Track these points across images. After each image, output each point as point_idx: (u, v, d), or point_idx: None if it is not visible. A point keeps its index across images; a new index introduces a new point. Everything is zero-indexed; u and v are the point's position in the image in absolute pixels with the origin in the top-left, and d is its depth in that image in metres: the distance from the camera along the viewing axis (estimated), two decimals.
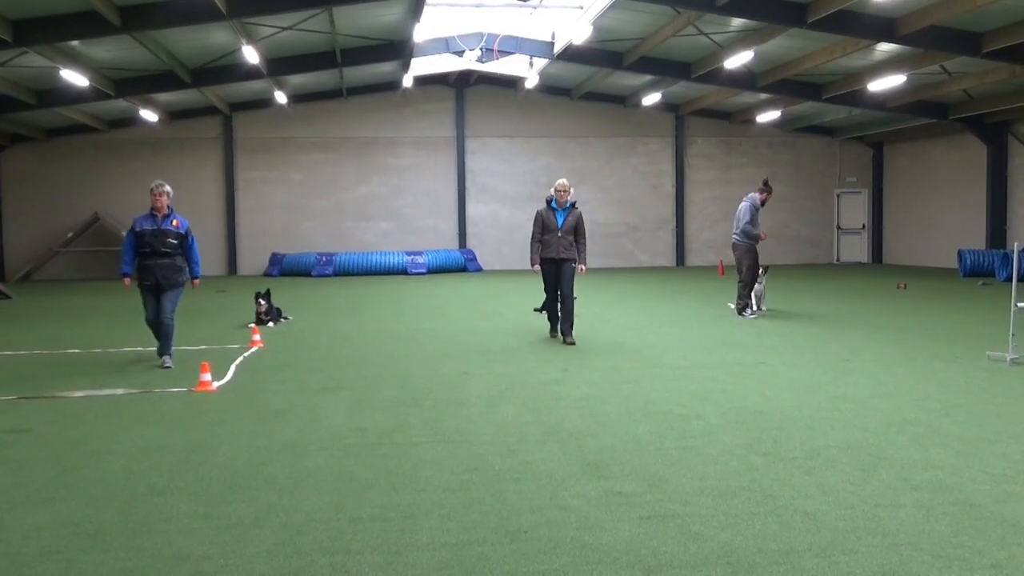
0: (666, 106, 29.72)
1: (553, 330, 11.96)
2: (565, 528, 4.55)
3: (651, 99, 27.39)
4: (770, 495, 5.03)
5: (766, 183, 14.74)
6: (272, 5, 17.33)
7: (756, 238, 14.37)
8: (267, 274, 28.00)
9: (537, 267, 11.71)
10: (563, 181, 11.67)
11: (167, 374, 9.56)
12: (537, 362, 9.96)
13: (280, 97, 26.13)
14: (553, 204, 11.56)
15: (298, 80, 25.62)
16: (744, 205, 14.49)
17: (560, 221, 11.49)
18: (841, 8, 16.59)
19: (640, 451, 6.02)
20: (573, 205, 11.64)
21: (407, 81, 27.25)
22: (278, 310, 14.51)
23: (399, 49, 22.70)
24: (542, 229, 11.56)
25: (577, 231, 11.62)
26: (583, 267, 11.62)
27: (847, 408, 7.31)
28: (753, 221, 14.31)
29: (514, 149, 30.36)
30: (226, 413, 7.45)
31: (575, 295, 11.68)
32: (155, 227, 9.93)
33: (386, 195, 29.89)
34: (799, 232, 31.43)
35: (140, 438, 6.59)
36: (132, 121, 27.53)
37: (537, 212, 11.71)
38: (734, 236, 14.55)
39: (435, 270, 27.84)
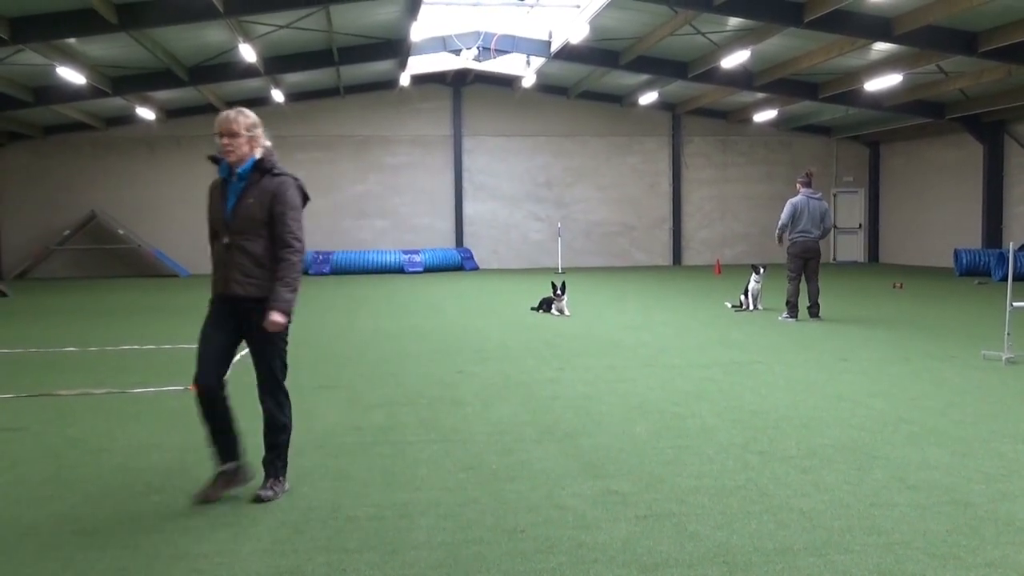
0: (663, 105, 29.73)
1: (221, 460, 5.17)
2: (561, 527, 4.55)
3: (648, 98, 27.41)
4: (766, 494, 5.05)
5: (809, 175, 13.98)
6: (269, 3, 17.31)
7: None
8: None
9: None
10: (227, 115, 5.11)
11: (163, 372, 9.51)
12: (533, 361, 9.96)
13: (277, 95, 26.12)
14: (222, 170, 5.17)
15: (295, 78, 25.60)
16: (825, 205, 13.76)
17: (229, 206, 5.11)
18: (838, 8, 16.62)
19: (636, 450, 6.03)
20: (259, 167, 5.11)
21: (404, 80, 27.24)
22: None
23: (396, 48, 22.69)
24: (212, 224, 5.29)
25: (276, 225, 5.07)
26: (277, 317, 4.96)
27: (843, 407, 7.33)
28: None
29: (511, 148, 30.37)
30: None
31: (280, 391, 5.26)
32: None
33: (383, 193, 29.89)
34: None
35: (137, 436, 6.59)
36: (129, 119, 27.49)
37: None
38: (812, 235, 13.51)
39: (432, 269, 27.84)
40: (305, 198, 5.26)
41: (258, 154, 5.12)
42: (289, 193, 5.10)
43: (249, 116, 5.14)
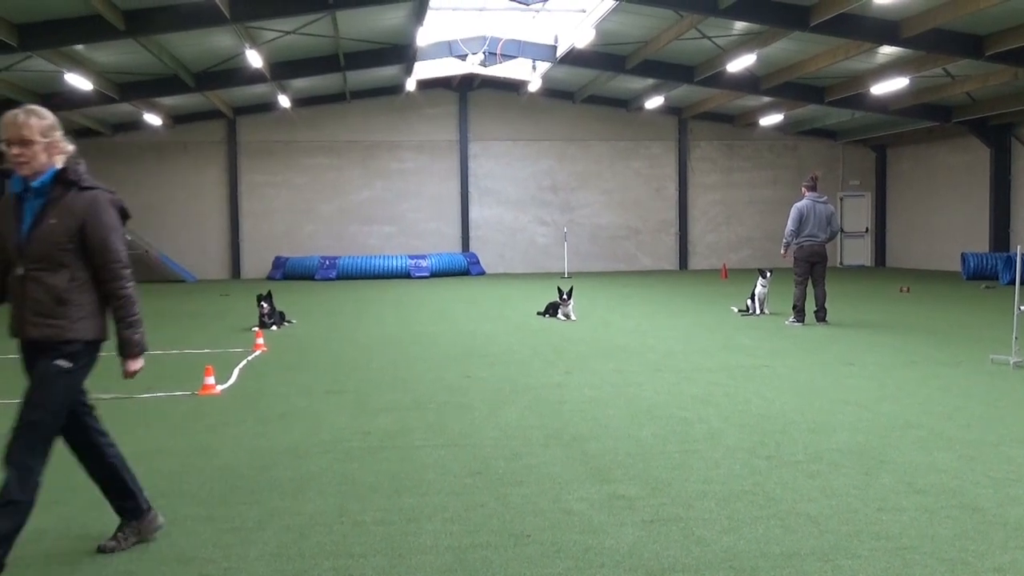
0: (669, 109, 29.75)
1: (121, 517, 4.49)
2: (568, 532, 4.55)
3: (654, 102, 27.42)
4: (773, 499, 5.03)
5: (814, 178, 14.01)
6: (275, 9, 17.39)
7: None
8: (270, 277, 28.03)
9: None
10: (14, 117, 4.07)
11: (170, 378, 9.53)
12: (540, 365, 9.96)
13: (284, 101, 26.19)
14: (15, 184, 4.16)
15: (301, 84, 25.68)
16: (831, 208, 13.77)
17: (25, 227, 4.13)
18: (844, 11, 16.61)
19: (643, 455, 6.02)
20: (62, 179, 4.14)
21: (410, 85, 27.31)
22: (281, 314, 14.50)
23: (402, 53, 22.75)
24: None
25: (98, 254, 4.21)
26: (134, 365, 4.31)
27: (850, 411, 7.31)
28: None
29: (517, 152, 30.40)
30: (229, 416, 7.46)
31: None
32: None
33: (389, 198, 29.93)
34: None
35: (144, 441, 6.59)
36: (136, 125, 27.61)
37: None
38: (819, 239, 13.55)
39: (438, 273, 27.86)
40: (124, 215, 4.37)
41: (59, 163, 4.13)
42: (106, 213, 4.20)
43: (45, 117, 4.12)
